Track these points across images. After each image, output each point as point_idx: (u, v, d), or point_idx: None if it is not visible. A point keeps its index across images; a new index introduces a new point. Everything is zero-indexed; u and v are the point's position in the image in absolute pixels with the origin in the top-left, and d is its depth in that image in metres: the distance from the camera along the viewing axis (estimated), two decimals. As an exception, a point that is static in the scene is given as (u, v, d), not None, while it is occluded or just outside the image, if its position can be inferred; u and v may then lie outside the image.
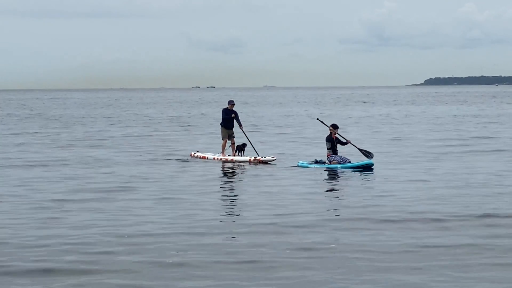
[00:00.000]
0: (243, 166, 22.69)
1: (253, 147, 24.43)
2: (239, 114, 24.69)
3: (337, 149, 22.05)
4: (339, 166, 21.35)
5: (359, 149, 22.63)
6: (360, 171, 20.54)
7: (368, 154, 22.30)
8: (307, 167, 21.62)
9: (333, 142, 22.03)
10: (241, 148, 24.19)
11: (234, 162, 23.52)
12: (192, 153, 25.01)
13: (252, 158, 23.31)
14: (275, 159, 23.12)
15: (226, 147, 24.41)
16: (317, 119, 22.90)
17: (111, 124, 48.42)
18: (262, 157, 23.24)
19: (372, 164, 21.12)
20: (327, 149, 22.01)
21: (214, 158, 24.14)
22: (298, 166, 21.96)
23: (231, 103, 24.78)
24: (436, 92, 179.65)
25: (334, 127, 22.26)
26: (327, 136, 22.17)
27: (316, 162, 21.96)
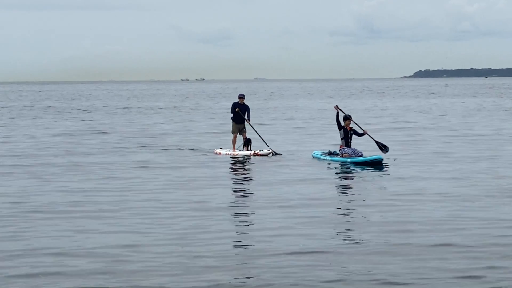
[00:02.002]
0: (252, 161, 22.03)
1: (263, 140, 24.00)
2: (250, 108, 24.20)
3: (351, 140, 21.46)
4: (348, 160, 20.67)
5: (375, 141, 21.92)
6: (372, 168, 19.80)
7: (383, 148, 21.55)
8: (319, 158, 21.31)
9: (346, 132, 21.39)
10: (246, 144, 23.53)
11: (245, 157, 22.89)
12: (215, 150, 24.19)
13: (252, 152, 22.94)
14: (270, 153, 22.78)
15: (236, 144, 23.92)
16: (336, 106, 21.82)
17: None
18: (259, 151, 22.92)
19: (382, 160, 20.32)
20: (340, 139, 21.46)
21: (226, 154, 23.49)
22: (312, 156, 21.69)
23: (241, 96, 24.04)
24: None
25: (346, 118, 21.58)
26: (341, 125, 21.53)
27: (330, 153, 21.48)
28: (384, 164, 20.07)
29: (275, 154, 22.96)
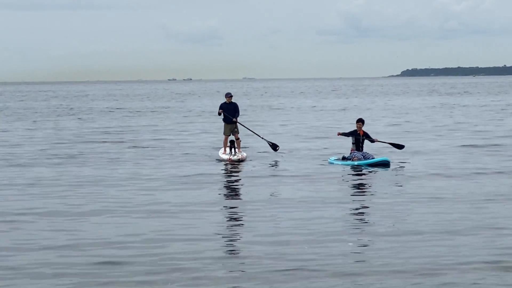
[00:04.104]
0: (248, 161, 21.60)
1: (257, 134, 23.57)
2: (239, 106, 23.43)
3: (363, 145, 20.93)
4: (355, 163, 20.24)
5: (389, 143, 22.13)
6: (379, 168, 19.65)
7: (399, 146, 21.94)
8: (332, 163, 20.72)
9: (357, 137, 20.89)
10: (232, 146, 22.81)
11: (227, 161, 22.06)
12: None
13: (228, 157, 21.96)
14: (240, 159, 21.69)
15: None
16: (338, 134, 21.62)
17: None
18: (231, 157, 21.85)
19: (389, 161, 20.11)
20: (352, 143, 21.01)
21: (221, 158, 22.73)
22: (329, 163, 20.95)
23: (229, 95, 23.14)
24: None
25: (359, 121, 21.16)
26: (352, 131, 21.14)
27: (344, 158, 20.86)
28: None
29: (272, 145, 23.13)
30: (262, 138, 23.79)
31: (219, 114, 22.84)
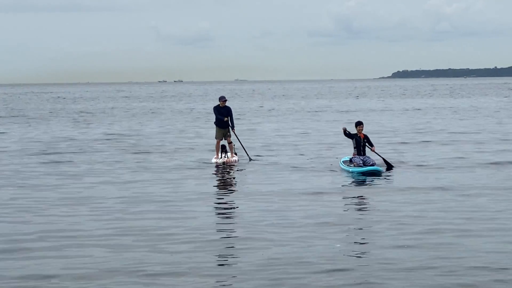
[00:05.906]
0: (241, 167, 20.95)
1: (245, 151, 22.81)
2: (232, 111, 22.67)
3: (365, 149, 20.06)
4: (350, 169, 19.51)
5: (382, 158, 20.51)
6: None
7: (389, 167, 20.05)
8: (341, 166, 20.03)
9: (358, 141, 20.09)
10: (223, 150, 22.26)
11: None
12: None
13: (216, 160, 21.71)
14: (226, 162, 21.43)
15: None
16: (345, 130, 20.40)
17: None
18: (218, 160, 21.62)
19: (379, 171, 19.21)
20: (353, 147, 20.15)
21: (214, 162, 22.17)
22: (340, 164, 20.27)
23: (223, 99, 22.33)
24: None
25: (359, 124, 20.31)
26: (353, 134, 20.23)
27: (350, 161, 20.06)
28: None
29: (250, 160, 22.23)
30: (247, 154, 22.80)
31: (225, 121, 22.06)
